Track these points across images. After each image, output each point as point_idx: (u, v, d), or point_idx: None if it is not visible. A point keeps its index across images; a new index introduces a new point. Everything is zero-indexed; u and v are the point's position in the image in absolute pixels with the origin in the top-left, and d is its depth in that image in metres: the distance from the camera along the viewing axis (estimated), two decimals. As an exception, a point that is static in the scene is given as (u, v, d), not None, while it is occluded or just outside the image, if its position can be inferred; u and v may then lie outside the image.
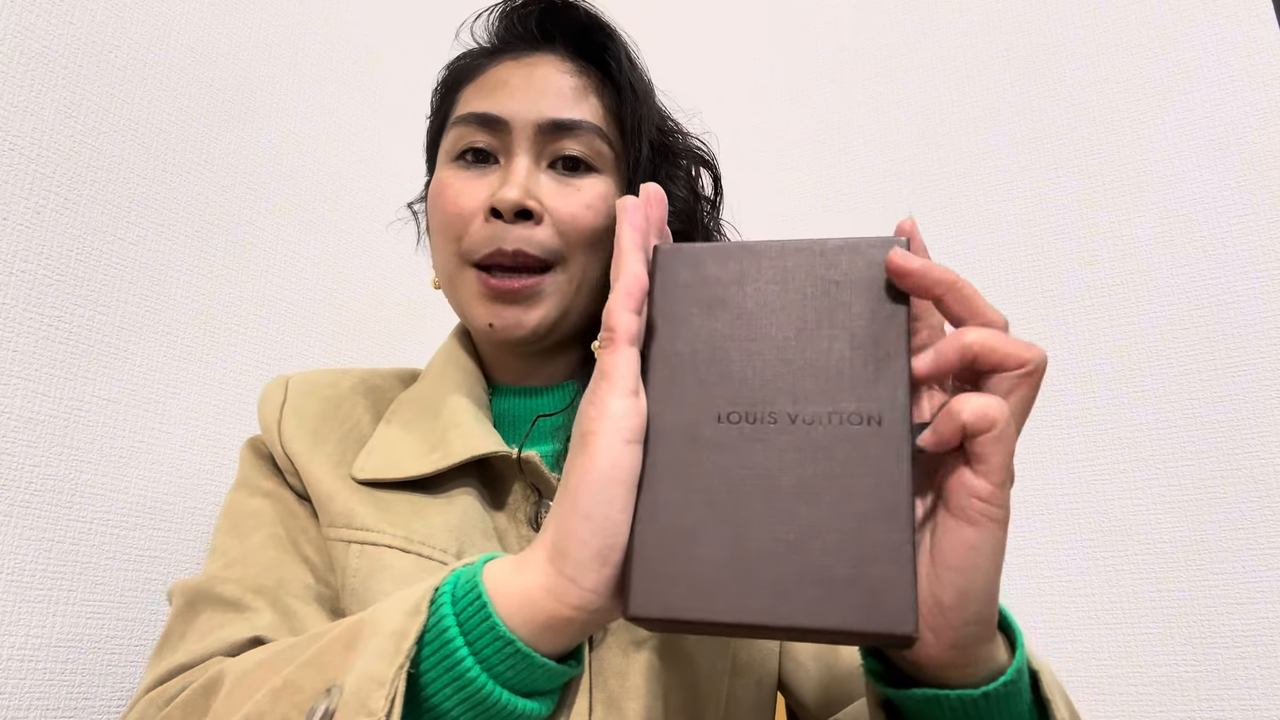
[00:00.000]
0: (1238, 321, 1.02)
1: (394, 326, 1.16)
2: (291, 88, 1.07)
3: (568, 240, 0.66)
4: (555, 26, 0.72)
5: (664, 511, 0.38)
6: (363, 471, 0.64)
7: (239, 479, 0.70)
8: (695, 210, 0.73)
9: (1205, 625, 0.97)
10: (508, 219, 0.65)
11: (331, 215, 1.10)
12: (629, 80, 0.71)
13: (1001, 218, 1.18)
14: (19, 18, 0.79)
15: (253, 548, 0.63)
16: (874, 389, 0.39)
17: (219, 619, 0.59)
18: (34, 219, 0.78)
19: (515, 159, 0.67)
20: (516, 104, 0.68)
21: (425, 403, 0.69)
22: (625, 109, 0.70)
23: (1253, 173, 1.05)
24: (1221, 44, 1.10)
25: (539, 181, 0.67)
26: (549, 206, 0.66)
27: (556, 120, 0.68)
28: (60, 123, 0.81)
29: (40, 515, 0.76)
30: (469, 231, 0.67)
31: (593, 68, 0.72)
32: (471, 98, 0.71)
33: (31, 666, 0.73)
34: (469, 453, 0.63)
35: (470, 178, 0.68)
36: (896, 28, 1.32)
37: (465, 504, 0.63)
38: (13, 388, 0.75)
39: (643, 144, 0.70)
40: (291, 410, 0.69)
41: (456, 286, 0.69)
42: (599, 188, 0.68)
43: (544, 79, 0.69)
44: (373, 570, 0.60)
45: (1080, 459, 1.06)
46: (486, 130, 0.68)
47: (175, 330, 0.89)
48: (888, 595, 0.36)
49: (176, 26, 0.94)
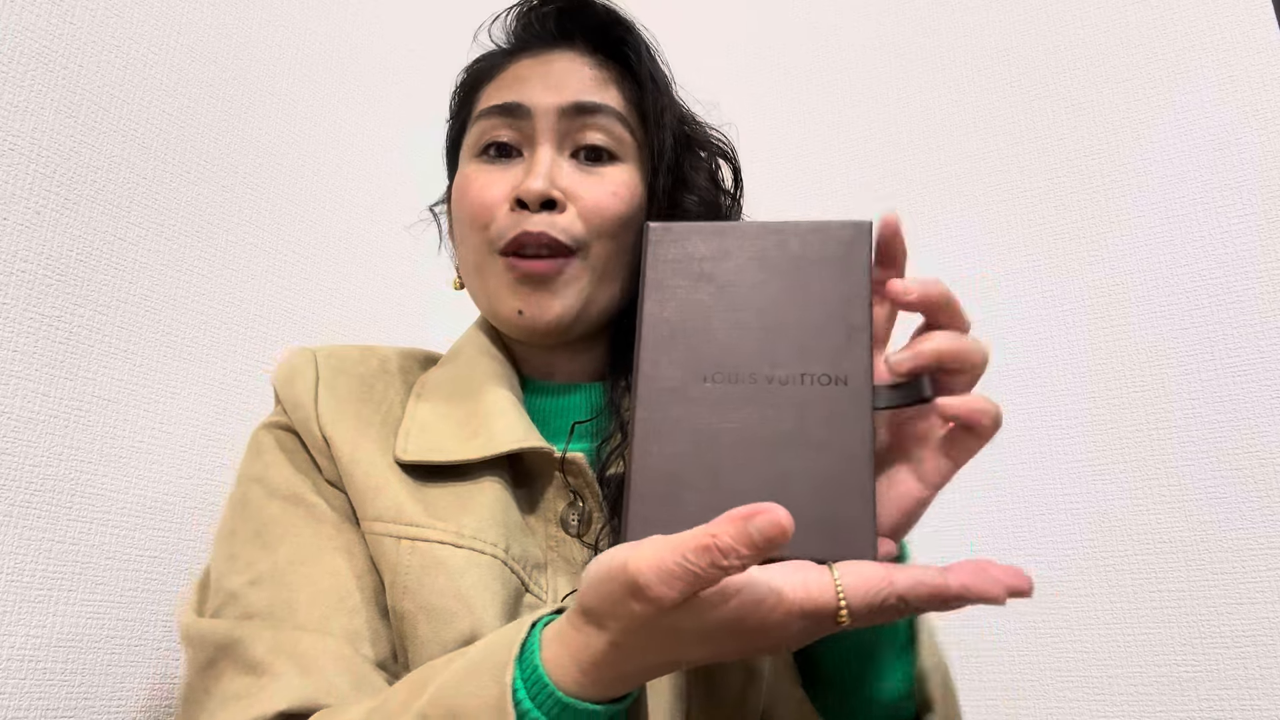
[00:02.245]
0: (1238, 321, 1.02)
1: (394, 327, 1.16)
2: (291, 88, 1.07)
3: (591, 227, 0.67)
4: (574, 24, 0.73)
5: (656, 460, 0.44)
6: (405, 453, 0.63)
7: (255, 472, 0.66)
8: (717, 201, 0.74)
9: (1205, 625, 0.97)
10: (533, 209, 0.66)
11: (331, 215, 1.10)
12: (649, 71, 0.72)
13: (1001, 218, 1.18)
14: (19, 18, 0.79)
15: (282, 563, 0.61)
16: (841, 354, 0.45)
17: (240, 685, 0.56)
18: (34, 219, 0.78)
19: (539, 149, 0.68)
20: (537, 93, 0.69)
21: (459, 387, 0.68)
22: (647, 99, 0.71)
23: (1253, 173, 1.06)
24: (1221, 44, 1.10)
25: (562, 170, 0.68)
26: (573, 194, 0.67)
27: (579, 103, 0.68)
28: (60, 123, 0.81)
29: (40, 515, 0.75)
30: (494, 221, 0.67)
31: (612, 62, 0.73)
32: (492, 93, 0.72)
33: (31, 666, 0.73)
34: (514, 444, 0.62)
35: (494, 170, 0.69)
36: (896, 28, 1.32)
37: (502, 496, 0.63)
38: (13, 388, 0.75)
39: (665, 134, 0.70)
40: (328, 389, 0.67)
41: (485, 276, 0.69)
42: (622, 175, 0.69)
43: (564, 70, 0.70)
44: (426, 566, 0.59)
45: (1080, 459, 1.06)
46: (509, 121, 0.69)
47: (175, 330, 0.89)
48: (853, 531, 0.42)
49: (176, 26, 0.94)
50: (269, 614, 0.58)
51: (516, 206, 0.66)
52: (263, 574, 0.60)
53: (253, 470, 0.66)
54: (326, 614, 0.58)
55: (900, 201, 1.25)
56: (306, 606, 0.58)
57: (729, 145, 0.77)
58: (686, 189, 0.71)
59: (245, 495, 0.65)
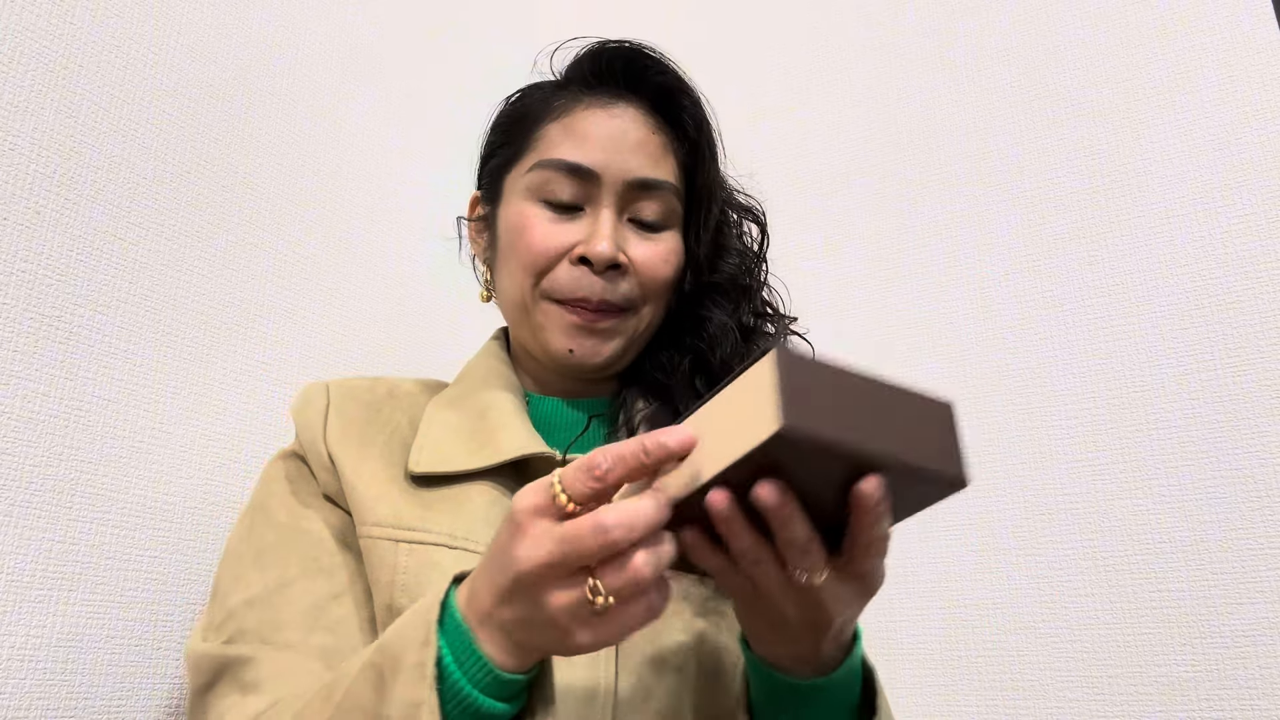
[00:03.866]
0: (1238, 321, 1.02)
1: (394, 326, 1.16)
2: (292, 88, 1.07)
3: (645, 290, 0.74)
4: (641, 80, 0.77)
5: None
6: (419, 465, 0.70)
7: (260, 500, 0.74)
8: (752, 264, 0.80)
9: (1205, 625, 0.97)
10: (598, 269, 0.72)
11: (331, 215, 1.10)
12: (705, 143, 0.78)
13: (1001, 218, 1.18)
14: (19, 18, 0.79)
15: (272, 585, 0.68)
16: None
17: (232, 700, 0.64)
18: (34, 219, 0.78)
19: (602, 210, 0.73)
20: (607, 158, 0.73)
21: (469, 404, 0.75)
22: (699, 170, 0.77)
23: (1253, 173, 1.05)
24: (1221, 44, 1.10)
25: (624, 235, 0.74)
26: (632, 258, 0.73)
27: (644, 180, 0.74)
28: (60, 123, 0.81)
29: (40, 515, 0.76)
30: (554, 272, 0.73)
31: (670, 126, 0.77)
32: (559, 141, 0.75)
33: (31, 666, 0.73)
34: (517, 452, 0.68)
35: (556, 220, 0.74)
36: (896, 28, 1.32)
37: (497, 499, 0.68)
38: (13, 388, 0.75)
39: (713, 205, 0.77)
40: (336, 413, 0.74)
41: (533, 315, 0.75)
42: (672, 242, 0.76)
43: (630, 133, 0.75)
44: (422, 566, 0.65)
45: (1080, 459, 1.06)
46: (575, 179, 0.73)
47: (175, 330, 0.89)
48: None
49: (176, 26, 0.94)
50: (257, 632, 0.66)
51: (579, 263, 0.72)
52: (256, 595, 0.68)
53: (259, 498, 0.75)
54: (305, 634, 0.66)
55: (900, 201, 1.25)
56: (289, 627, 0.66)
57: (761, 211, 0.83)
58: (725, 254, 0.78)
59: (252, 522, 0.73)
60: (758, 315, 0.79)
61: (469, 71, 1.35)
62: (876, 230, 1.25)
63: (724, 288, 0.77)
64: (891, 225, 1.24)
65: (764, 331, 0.79)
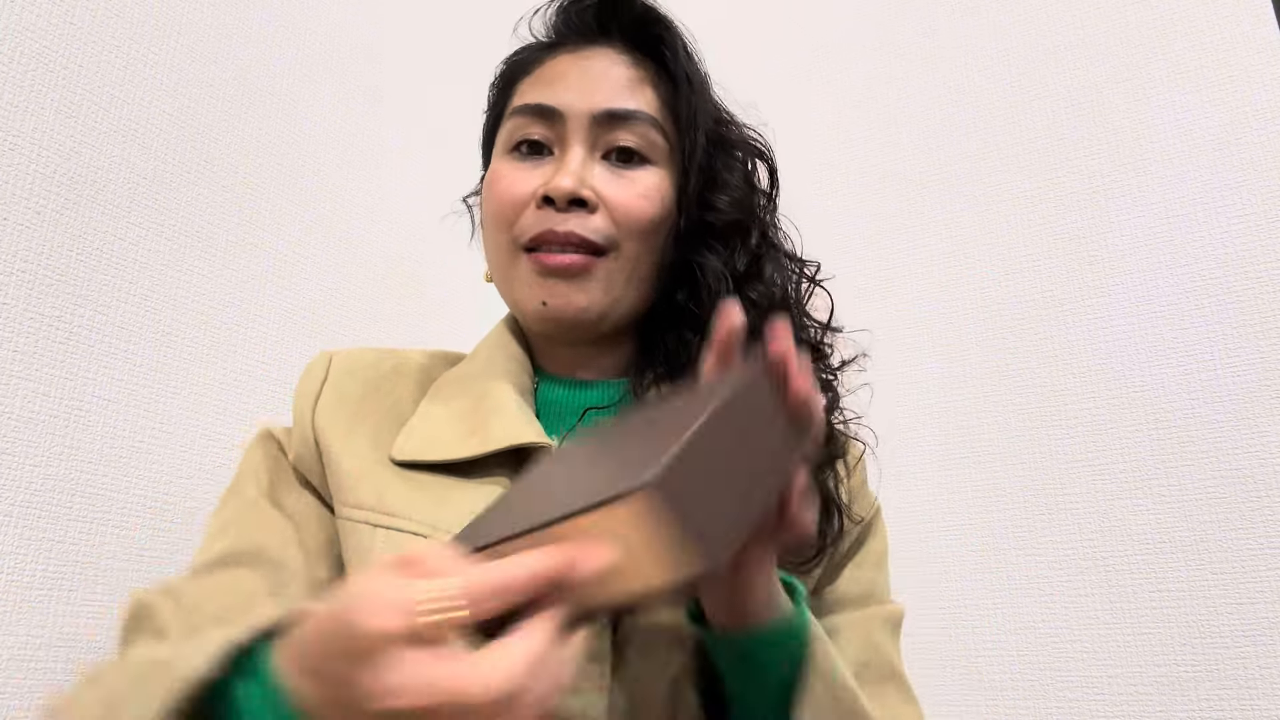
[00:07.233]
0: (1238, 321, 1.02)
1: (395, 326, 1.16)
2: (292, 87, 1.07)
3: (621, 229, 0.67)
4: (612, 19, 0.73)
5: None
6: (402, 453, 0.65)
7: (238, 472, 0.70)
8: (752, 202, 0.73)
9: (1205, 625, 0.97)
10: (560, 206, 0.66)
11: (331, 215, 1.10)
12: (685, 71, 0.72)
13: (1001, 218, 1.18)
14: (19, 18, 0.79)
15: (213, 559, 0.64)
16: None
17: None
18: (34, 219, 0.78)
19: (570, 149, 0.68)
20: (571, 95, 0.69)
21: (469, 385, 0.70)
22: (681, 100, 0.71)
23: (1253, 173, 1.06)
24: (1221, 44, 1.10)
25: (593, 171, 0.68)
26: (603, 195, 0.67)
27: (611, 110, 0.69)
28: (60, 123, 0.81)
29: (40, 515, 0.76)
30: (521, 219, 0.68)
31: (649, 59, 0.73)
32: (528, 90, 0.72)
33: (31, 666, 0.73)
34: (507, 441, 0.63)
35: (524, 168, 0.69)
36: (897, 28, 1.32)
37: (493, 493, 0.63)
38: (13, 388, 0.75)
39: (698, 135, 0.70)
40: (332, 388, 0.70)
41: (510, 274, 0.69)
42: (652, 178, 0.69)
43: (600, 71, 0.71)
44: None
45: (1080, 459, 1.06)
46: (541, 121, 0.69)
47: (175, 330, 0.89)
48: None
49: (176, 26, 0.94)
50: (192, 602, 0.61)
51: (543, 204, 0.67)
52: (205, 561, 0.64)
53: (238, 470, 0.71)
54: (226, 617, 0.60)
55: (900, 201, 1.25)
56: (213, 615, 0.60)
57: (765, 145, 0.77)
58: (718, 189, 0.71)
59: (228, 492, 0.70)
60: (756, 256, 0.70)
61: (469, 71, 1.35)
62: (877, 230, 1.25)
63: (719, 229, 0.69)
64: (891, 225, 1.24)
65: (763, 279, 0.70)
